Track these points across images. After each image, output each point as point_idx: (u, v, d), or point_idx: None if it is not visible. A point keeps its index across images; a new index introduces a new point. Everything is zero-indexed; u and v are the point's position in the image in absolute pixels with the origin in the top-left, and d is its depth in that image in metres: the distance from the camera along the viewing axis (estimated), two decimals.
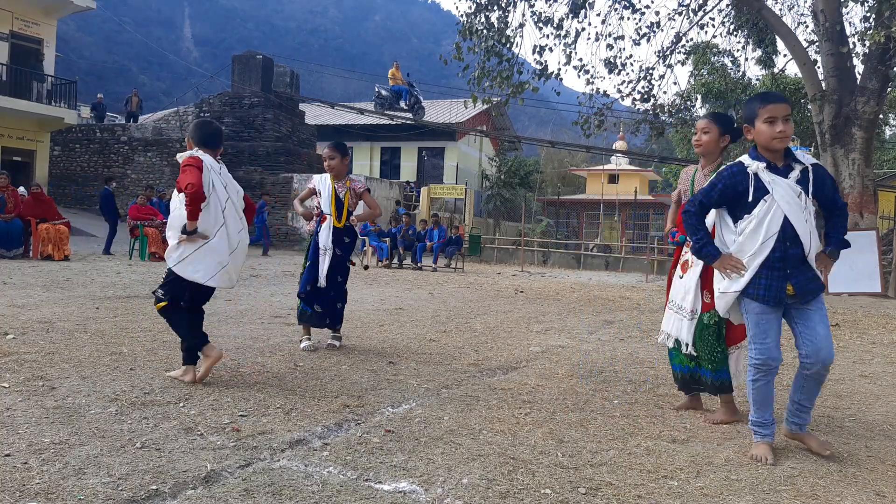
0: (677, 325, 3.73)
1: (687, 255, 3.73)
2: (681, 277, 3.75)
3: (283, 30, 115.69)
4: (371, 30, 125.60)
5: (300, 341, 5.17)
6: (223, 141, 4.11)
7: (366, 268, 5.34)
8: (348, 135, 30.53)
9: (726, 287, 3.13)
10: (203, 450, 2.77)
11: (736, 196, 3.07)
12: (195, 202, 3.68)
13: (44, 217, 12.01)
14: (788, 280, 2.99)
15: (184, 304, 3.90)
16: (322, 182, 5.24)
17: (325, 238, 5.10)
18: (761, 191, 3.01)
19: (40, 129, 22.18)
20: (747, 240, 3.04)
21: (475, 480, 2.60)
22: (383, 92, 25.95)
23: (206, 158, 3.85)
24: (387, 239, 16.93)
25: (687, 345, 3.68)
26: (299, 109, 25.21)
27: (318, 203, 5.23)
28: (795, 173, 3.01)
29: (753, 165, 3.04)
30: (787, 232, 2.97)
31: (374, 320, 6.86)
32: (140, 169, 23.88)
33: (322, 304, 5.12)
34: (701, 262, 3.62)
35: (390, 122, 26.43)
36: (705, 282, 3.59)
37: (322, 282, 5.07)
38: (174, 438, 2.89)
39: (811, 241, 2.98)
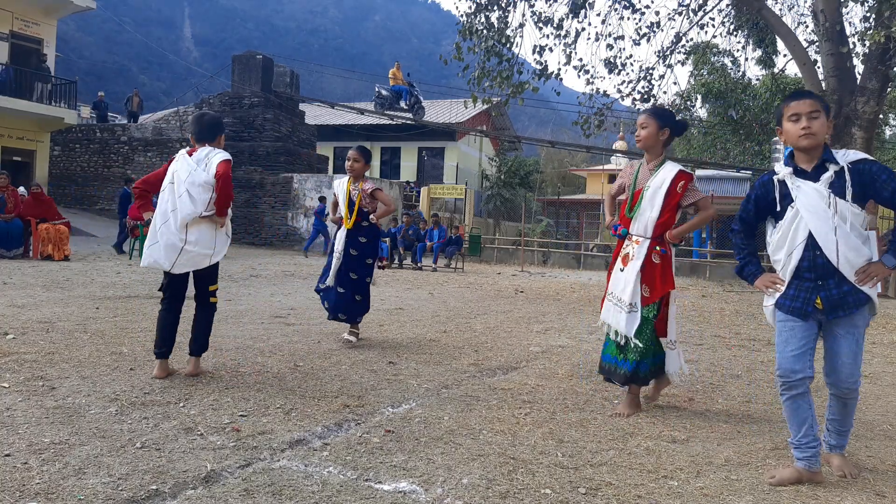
0: (616, 317, 3.77)
1: (628, 248, 3.78)
2: (621, 270, 3.79)
3: (283, 30, 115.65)
4: (371, 30, 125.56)
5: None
6: (216, 130, 4.15)
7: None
8: (348, 135, 30.52)
9: (765, 301, 3.04)
10: (203, 450, 2.77)
11: (768, 205, 2.95)
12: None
13: (44, 217, 12.00)
14: (818, 292, 2.81)
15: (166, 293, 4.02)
16: (339, 187, 5.55)
17: (338, 241, 5.40)
18: (788, 198, 2.86)
19: (40, 129, 22.16)
20: (775, 250, 2.92)
21: (475, 480, 2.60)
22: (383, 92, 25.92)
23: (179, 154, 4.07)
24: (387, 239, 16.93)
25: (625, 337, 3.72)
26: (299, 109, 25.18)
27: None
28: (828, 175, 2.79)
29: (781, 172, 2.90)
30: (815, 240, 2.80)
31: (374, 320, 6.86)
32: (140, 169, 23.84)
33: (331, 300, 5.39)
34: (642, 256, 3.70)
35: (390, 122, 26.41)
36: (644, 276, 3.71)
37: (330, 282, 5.37)
38: (174, 438, 2.89)
39: (839, 251, 2.75)
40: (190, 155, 4.03)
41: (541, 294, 11.21)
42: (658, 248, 3.71)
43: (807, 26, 17.99)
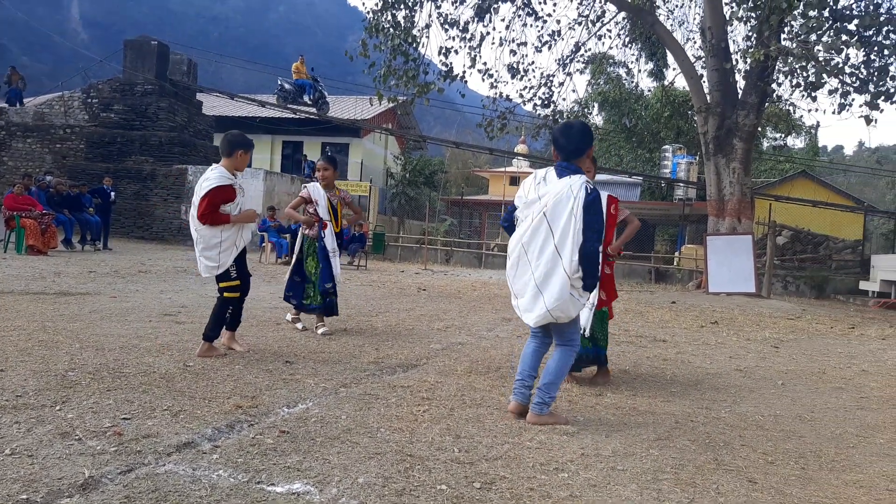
0: (584, 315, 4.47)
1: None
2: None
3: (180, 15, 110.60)
4: (274, 21, 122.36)
5: (291, 320, 6.31)
6: (232, 147, 4.73)
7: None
8: (248, 127, 29.52)
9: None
10: (81, 455, 2.60)
11: None
12: None
13: None
14: None
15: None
16: (316, 191, 5.95)
17: (331, 242, 5.90)
18: None
19: None
20: None
21: (371, 479, 2.59)
22: (286, 85, 25.30)
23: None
24: (287, 235, 16.54)
25: (585, 328, 4.52)
26: (196, 99, 24.16)
27: (315, 211, 5.94)
28: None
29: None
30: None
31: (272, 318, 6.69)
32: (18, 156, 22.14)
33: (323, 293, 5.88)
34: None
35: (293, 115, 25.84)
36: (602, 284, 4.50)
37: (339, 279, 5.99)
38: (48, 444, 2.70)
39: None
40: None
41: (443, 292, 11.31)
42: (609, 260, 4.67)
43: (695, 42, 19.10)
